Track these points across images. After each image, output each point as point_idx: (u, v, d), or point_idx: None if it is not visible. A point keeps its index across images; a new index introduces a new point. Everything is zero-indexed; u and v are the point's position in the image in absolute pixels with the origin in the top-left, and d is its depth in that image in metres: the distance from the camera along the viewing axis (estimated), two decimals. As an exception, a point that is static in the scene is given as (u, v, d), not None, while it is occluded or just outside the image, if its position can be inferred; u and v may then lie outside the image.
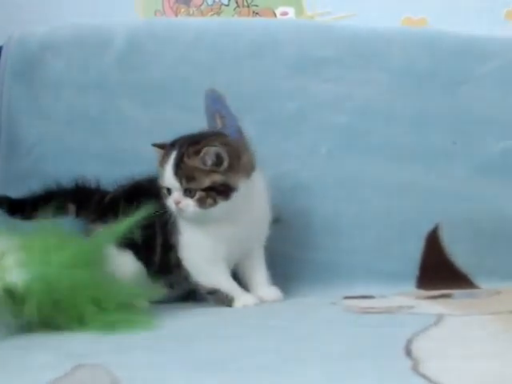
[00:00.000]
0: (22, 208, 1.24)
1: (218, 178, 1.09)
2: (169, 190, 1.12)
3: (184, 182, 1.09)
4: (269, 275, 1.19)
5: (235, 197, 1.11)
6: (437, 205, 1.36)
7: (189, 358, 0.80)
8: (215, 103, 1.37)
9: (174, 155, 1.11)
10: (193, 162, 1.09)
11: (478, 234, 1.35)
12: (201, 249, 1.15)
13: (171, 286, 1.18)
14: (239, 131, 1.37)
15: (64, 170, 1.34)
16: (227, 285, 1.15)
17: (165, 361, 0.78)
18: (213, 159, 1.08)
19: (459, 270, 1.32)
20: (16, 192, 1.36)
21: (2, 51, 1.39)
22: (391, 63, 1.41)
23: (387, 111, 1.39)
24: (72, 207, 1.25)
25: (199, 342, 0.89)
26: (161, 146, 1.16)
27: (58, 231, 1.03)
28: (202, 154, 1.08)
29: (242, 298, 1.14)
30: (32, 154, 1.39)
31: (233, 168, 1.10)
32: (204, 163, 1.09)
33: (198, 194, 1.09)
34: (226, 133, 1.22)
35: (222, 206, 1.10)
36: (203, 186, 1.09)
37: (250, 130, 1.37)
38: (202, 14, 1.65)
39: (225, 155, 1.09)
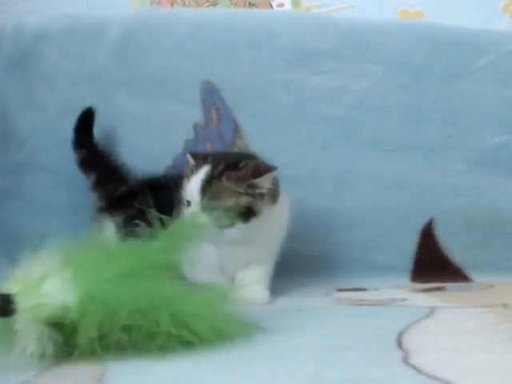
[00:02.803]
0: (83, 135, 1.31)
1: (244, 199, 1.04)
2: (188, 202, 1.07)
3: (206, 198, 1.04)
4: (267, 279, 1.13)
5: (254, 221, 1.05)
6: (431, 199, 1.36)
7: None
8: (211, 96, 1.37)
9: (205, 169, 1.05)
10: (230, 184, 1.04)
11: (472, 228, 1.35)
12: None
13: None
14: (234, 124, 1.36)
15: (57, 161, 1.34)
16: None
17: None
18: (270, 185, 1.05)
19: (453, 263, 1.33)
20: (10, 184, 1.36)
21: (-4, 42, 1.39)
22: (387, 56, 1.40)
23: (383, 104, 1.39)
24: (93, 176, 1.28)
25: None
26: (193, 155, 1.11)
27: (104, 246, 0.91)
28: (261, 179, 1.04)
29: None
30: (26, 145, 1.38)
31: (265, 194, 1.06)
32: (242, 187, 1.04)
33: (217, 213, 1.03)
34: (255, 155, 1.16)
35: (240, 228, 1.04)
36: (224, 206, 1.03)
37: (245, 122, 1.36)
38: (198, 4, 1.64)
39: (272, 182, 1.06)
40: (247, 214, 1.04)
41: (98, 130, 1.36)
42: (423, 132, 1.39)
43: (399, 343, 0.78)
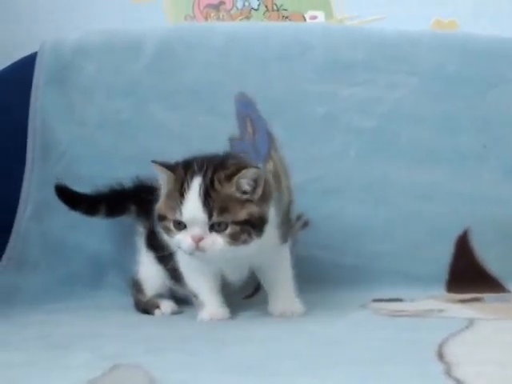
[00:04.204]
0: (83, 203, 1.25)
1: (253, 209, 0.94)
2: (179, 225, 0.95)
3: (215, 213, 0.92)
4: (294, 286, 1.10)
5: (266, 231, 0.96)
6: (466, 208, 1.35)
7: (221, 360, 0.81)
8: (246, 107, 1.38)
9: (197, 181, 0.94)
10: (227, 189, 0.93)
11: (508, 238, 1.34)
12: (191, 261, 1.04)
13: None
14: (269, 136, 1.38)
15: (96, 174, 1.36)
16: (205, 294, 1.08)
17: (198, 362, 0.80)
18: (250, 183, 0.94)
19: (490, 273, 1.32)
20: (50, 195, 1.39)
21: (37, 58, 1.42)
22: (420, 66, 1.41)
23: (416, 114, 1.39)
24: (133, 208, 1.24)
25: (232, 344, 0.90)
26: (167, 166, 0.99)
27: None
28: (237, 178, 0.93)
29: (209, 311, 1.06)
30: (65, 158, 1.41)
31: (264, 196, 0.96)
32: (239, 189, 0.94)
33: (231, 228, 0.93)
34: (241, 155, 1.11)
35: (255, 243, 0.95)
36: (238, 219, 0.93)
37: (279, 133, 1.38)
38: (232, 18, 1.66)
39: (261, 180, 0.94)
40: (260, 224, 0.95)
41: (132, 143, 1.38)
42: (457, 142, 1.39)
43: (440, 355, 0.78)
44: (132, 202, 1.25)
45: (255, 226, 0.94)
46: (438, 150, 1.39)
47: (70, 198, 1.27)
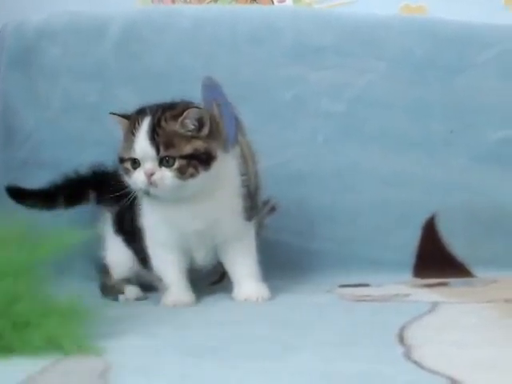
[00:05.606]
0: (39, 199, 1.21)
1: (199, 144, 1.01)
2: (135, 163, 1.02)
3: (162, 148, 0.99)
4: (258, 271, 1.10)
5: (214, 168, 1.02)
6: (434, 194, 1.36)
7: (183, 343, 0.80)
8: (212, 91, 1.37)
9: (147, 121, 1.01)
10: (172, 126, 1.01)
11: (475, 224, 1.35)
12: (157, 234, 1.08)
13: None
14: (236, 119, 1.36)
15: (61, 158, 1.34)
16: (170, 277, 1.09)
17: (158, 346, 0.79)
18: (194, 123, 1.01)
19: (456, 258, 1.33)
20: (14, 180, 1.36)
21: (-2, 39, 1.39)
22: (390, 51, 1.40)
23: (385, 99, 1.39)
24: (93, 195, 1.23)
25: (194, 327, 0.89)
26: (124, 116, 1.06)
27: None
28: (182, 118, 1.01)
29: (173, 296, 1.07)
30: (29, 142, 1.38)
31: (212, 134, 1.03)
32: (184, 127, 1.01)
33: (178, 163, 1.00)
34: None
35: (203, 177, 1.01)
36: (184, 153, 1.00)
37: (247, 118, 1.36)
38: (199, 1, 1.64)
39: (206, 119, 1.02)
40: (207, 159, 1.01)
41: (98, 127, 1.36)
42: (426, 127, 1.39)
43: (401, 338, 0.78)
44: (91, 188, 1.23)
45: (202, 160, 1.01)
46: (406, 136, 1.39)
47: (24, 197, 1.23)
